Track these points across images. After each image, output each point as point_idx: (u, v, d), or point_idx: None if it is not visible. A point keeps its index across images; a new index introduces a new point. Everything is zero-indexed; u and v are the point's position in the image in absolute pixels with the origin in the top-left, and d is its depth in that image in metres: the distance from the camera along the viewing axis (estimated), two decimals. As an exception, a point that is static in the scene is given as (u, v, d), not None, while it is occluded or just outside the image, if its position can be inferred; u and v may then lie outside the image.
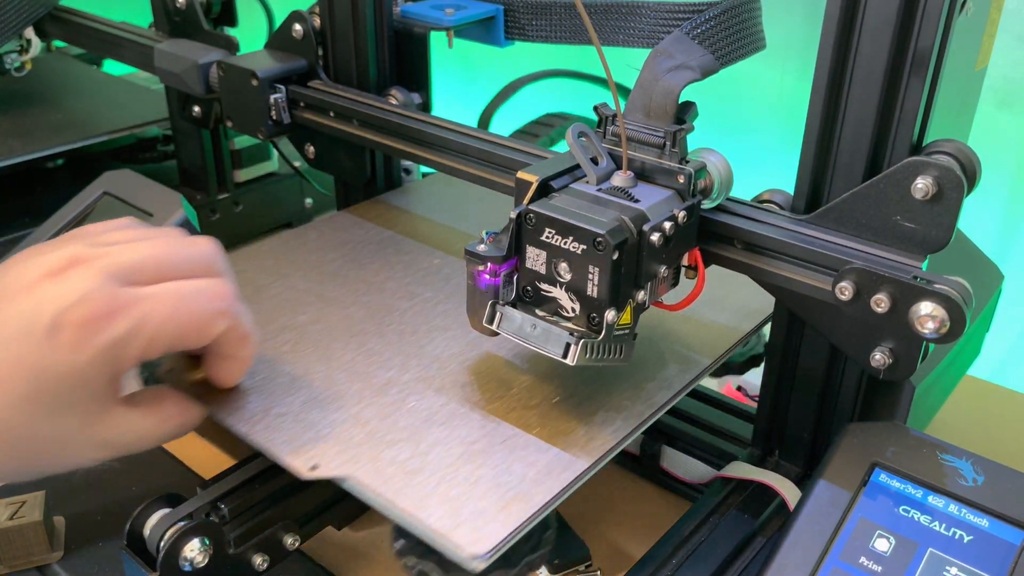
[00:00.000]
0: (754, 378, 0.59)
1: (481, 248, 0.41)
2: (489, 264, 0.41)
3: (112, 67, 0.98)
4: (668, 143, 0.42)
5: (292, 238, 0.58)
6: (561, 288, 0.40)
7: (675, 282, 0.44)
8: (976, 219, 0.49)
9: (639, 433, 0.42)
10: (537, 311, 0.41)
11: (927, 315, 0.38)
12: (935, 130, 0.41)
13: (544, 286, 0.41)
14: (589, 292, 0.39)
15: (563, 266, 0.39)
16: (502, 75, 0.78)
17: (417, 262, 0.54)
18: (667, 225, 0.40)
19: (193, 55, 0.68)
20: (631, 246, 0.39)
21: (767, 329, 0.49)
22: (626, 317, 0.41)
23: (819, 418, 0.48)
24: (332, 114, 0.60)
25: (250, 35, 0.79)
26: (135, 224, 0.41)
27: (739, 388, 0.65)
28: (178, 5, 0.73)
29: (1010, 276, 0.53)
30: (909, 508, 0.39)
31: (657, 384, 0.45)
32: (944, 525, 0.38)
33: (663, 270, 0.41)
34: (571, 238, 0.39)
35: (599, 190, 0.41)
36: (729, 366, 0.56)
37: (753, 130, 0.99)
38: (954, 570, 0.37)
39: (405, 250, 0.56)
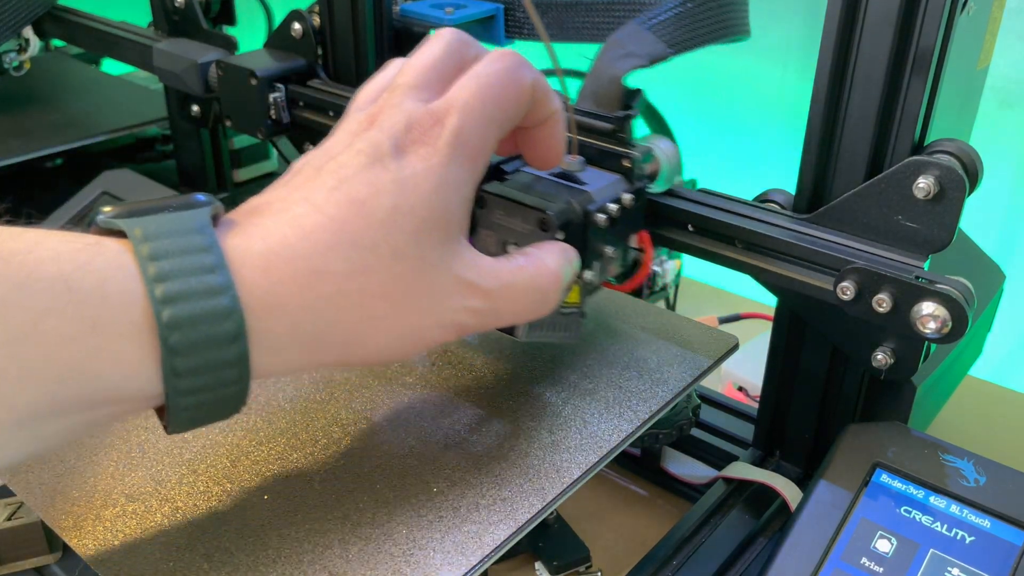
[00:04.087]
0: (755, 378, 0.59)
1: None
2: None
3: (111, 66, 0.98)
4: (615, 129, 0.44)
5: None
6: None
7: (624, 263, 0.45)
8: (978, 219, 0.49)
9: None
10: None
11: (929, 315, 0.38)
12: (937, 129, 0.41)
13: None
14: None
15: (512, 246, 0.41)
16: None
17: None
18: (612, 207, 0.41)
19: (192, 54, 0.68)
20: (576, 226, 0.40)
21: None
22: (574, 296, 0.42)
23: (820, 418, 0.48)
24: (332, 113, 0.60)
25: (250, 35, 0.78)
26: (394, 65, 0.39)
27: (740, 388, 0.65)
28: (177, 4, 0.72)
29: (1012, 276, 0.53)
30: (911, 508, 0.39)
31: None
32: (946, 526, 0.38)
33: (610, 251, 0.43)
34: (519, 218, 0.40)
35: (550, 174, 0.43)
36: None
37: (754, 130, 0.99)
38: (955, 571, 0.37)
39: None
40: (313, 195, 0.32)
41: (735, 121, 1.00)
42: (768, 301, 0.48)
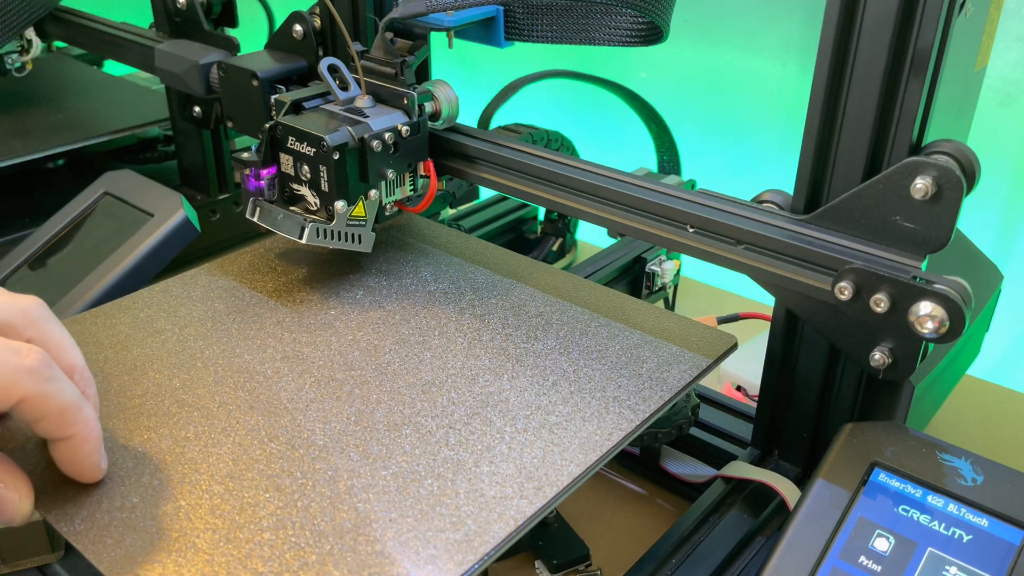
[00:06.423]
0: (754, 378, 0.59)
1: (245, 155, 0.51)
2: (252, 169, 0.50)
3: (113, 67, 0.98)
4: (396, 72, 0.51)
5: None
6: (305, 186, 0.49)
7: (414, 188, 0.53)
8: (976, 219, 0.49)
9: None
10: (292, 208, 0.51)
11: (926, 315, 0.38)
12: (934, 130, 0.41)
13: (295, 186, 0.50)
14: (323, 187, 0.49)
15: (304, 168, 0.49)
16: (502, 75, 0.78)
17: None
18: (387, 135, 0.49)
19: (193, 56, 0.68)
20: (352, 149, 0.48)
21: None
22: (359, 210, 0.50)
23: (819, 418, 0.48)
24: (332, 114, 0.60)
25: (250, 35, 0.79)
26: None
27: (739, 388, 0.65)
28: (179, 5, 0.73)
29: (1010, 276, 0.53)
30: (908, 507, 0.39)
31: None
32: (943, 524, 0.38)
33: (391, 173, 0.50)
34: (306, 143, 0.48)
35: (343, 109, 0.51)
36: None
37: (753, 130, 0.99)
38: (953, 569, 0.37)
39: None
40: None
41: (733, 121, 1.00)
42: (767, 301, 0.48)
